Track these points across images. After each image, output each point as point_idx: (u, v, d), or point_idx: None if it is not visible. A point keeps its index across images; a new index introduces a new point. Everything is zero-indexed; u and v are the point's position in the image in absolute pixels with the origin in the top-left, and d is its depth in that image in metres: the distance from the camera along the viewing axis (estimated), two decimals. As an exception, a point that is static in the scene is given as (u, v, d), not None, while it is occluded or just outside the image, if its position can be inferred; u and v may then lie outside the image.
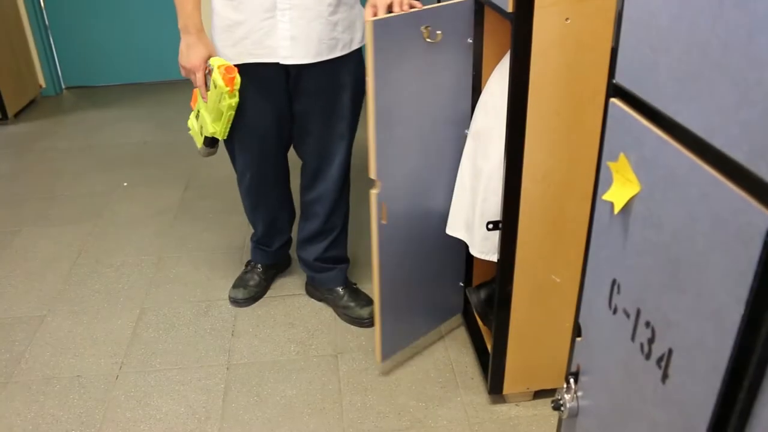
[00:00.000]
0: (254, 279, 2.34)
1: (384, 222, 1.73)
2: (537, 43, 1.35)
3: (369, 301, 2.22)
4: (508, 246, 1.56)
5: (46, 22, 4.42)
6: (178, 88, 4.45)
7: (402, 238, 1.81)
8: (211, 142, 1.99)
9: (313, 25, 1.80)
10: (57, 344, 2.13)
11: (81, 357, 2.08)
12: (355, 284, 2.32)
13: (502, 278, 1.61)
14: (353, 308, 2.20)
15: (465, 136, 1.78)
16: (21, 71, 4.26)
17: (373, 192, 1.68)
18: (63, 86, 4.65)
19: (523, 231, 1.54)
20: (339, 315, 2.23)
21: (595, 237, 1.02)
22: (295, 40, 1.80)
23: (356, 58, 1.94)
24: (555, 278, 1.62)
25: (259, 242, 2.34)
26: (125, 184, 3.25)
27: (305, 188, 2.16)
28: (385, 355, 1.92)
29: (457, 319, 2.15)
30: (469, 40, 1.68)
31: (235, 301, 2.29)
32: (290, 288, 2.38)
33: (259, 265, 2.36)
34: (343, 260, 2.27)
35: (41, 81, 4.49)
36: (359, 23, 1.91)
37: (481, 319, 1.90)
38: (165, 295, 2.37)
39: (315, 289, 2.33)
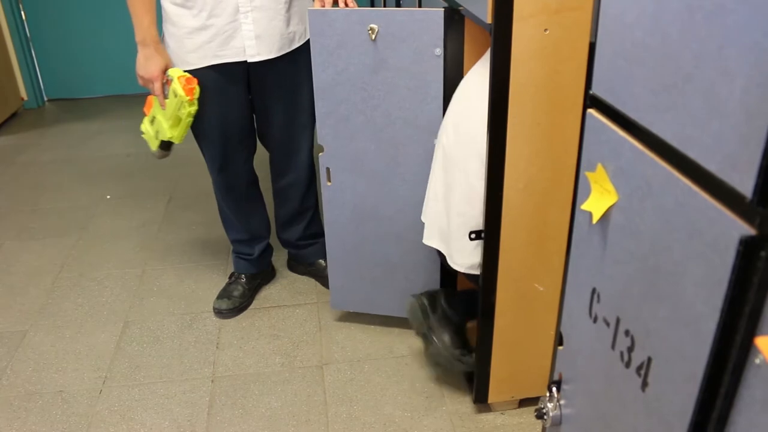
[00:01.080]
0: (238, 290, 2.34)
1: (329, 183, 1.97)
2: (516, 54, 1.36)
3: None
4: (490, 255, 1.57)
5: (28, 34, 4.40)
6: (162, 99, 4.44)
7: (350, 206, 1.99)
8: (166, 146, 2.08)
9: (274, 23, 1.94)
10: (39, 359, 2.11)
11: (64, 372, 2.06)
12: None
13: (486, 287, 1.61)
14: None
15: (434, 145, 1.81)
16: (2, 83, 4.23)
17: (321, 154, 1.93)
18: (45, 98, 4.62)
19: (506, 240, 1.55)
20: (324, 285, 2.40)
21: (574, 246, 1.03)
22: (260, 39, 1.93)
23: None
24: (538, 286, 1.63)
25: (239, 252, 2.36)
26: (108, 196, 3.23)
27: (276, 176, 2.28)
28: (335, 303, 2.18)
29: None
30: (437, 52, 1.70)
31: (219, 312, 2.28)
32: (275, 300, 2.37)
33: (243, 276, 2.36)
34: (321, 234, 2.39)
35: (23, 93, 4.47)
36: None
37: (415, 329, 1.89)
38: (149, 308, 2.35)
39: (298, 264, 2.50)
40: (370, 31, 1.71)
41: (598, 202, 0.92)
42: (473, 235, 1.59)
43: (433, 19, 1.67)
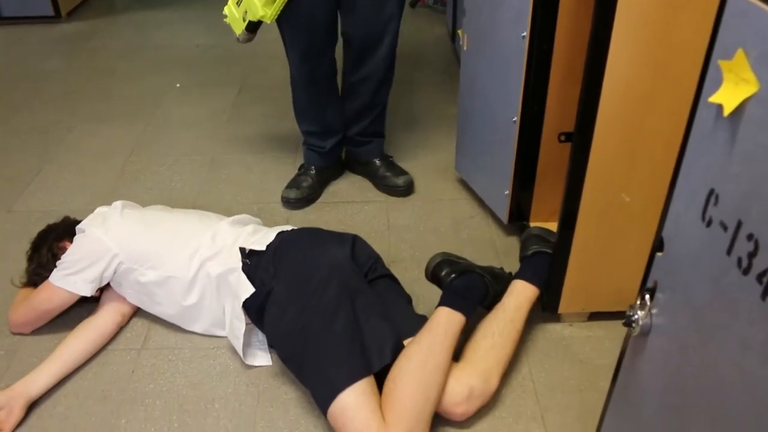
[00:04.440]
0: (307, 181, 2.32)
1: (465, 48, 2.04)
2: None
3: (404, 172, 2.37)
4: (579, 160, 1.48)
5: None
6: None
7: (478, 69, 2.02)
8: (252, 27, 2.00)
9: None
10: (111, 237, 2.15)
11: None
12: (391, 157, 2.43)
13: (569, 193, 1.54)
14: (389, 177, 2.35)
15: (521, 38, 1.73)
16: (74, -32, 4.20)
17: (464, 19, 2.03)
18: (115, -15, 4.58)
19: (597, 144, 1.46)
20: (377, 186, 2.38)
21: (692, 144, 0.95)
22: None
23: None
24: (625, 197, 1.55)
25: (311, 144, 2.33)
26: (178, 85, 3.22)
27: (353, 69, 2.20)
28: (458, 166, 2.34)
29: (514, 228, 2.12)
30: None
31: (287, 201, 2.28)
32: (343, 195, 2.35)
33: (313, 168, 2.34)
34: (381, 134, 2.38)
35: (94, -21, 4.43)
36: None
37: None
38: (217, 195, 2.36)
39: (354, 162, 2.46)
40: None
41: (731, 93, 0.83)
42: (563, 137, 1.51)
43: None
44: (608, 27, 1.33)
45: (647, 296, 1.08)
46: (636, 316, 1.09)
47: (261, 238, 1.70)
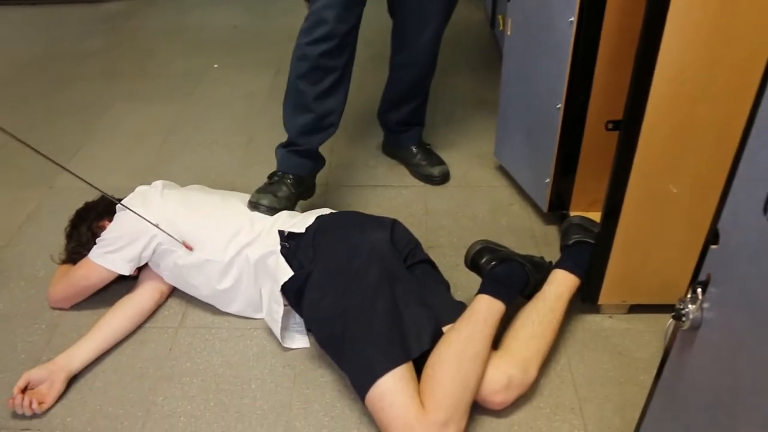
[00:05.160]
0: (282, 190, 1.92)
1: (508, 33, 2.00)
2: None
3: (440, 161, 2.33)
4: (627, 149, 1.45)
5: None
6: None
7: (521, 55, 2.00)
8: None
9: None
10: (149, 216, 2.16)
11: (172, 230, 2.10)
12: (429, 145, 2.38)
13: (615, 183, 1.51)
14: (424, 166, 2.32)
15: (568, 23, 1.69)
16: (115, -54, 4.22)
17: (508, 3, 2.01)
18: (154, -35, 4.59)
19: (646, 133, 1.42)
20: (412, 173, 2.35)
21: (756, 134, 0.91)
22: None
23: None
24: (672, 188, 1.51)
25: (294, 141, 2.02)
26: (215, 65, 3.22)
27: (394, 49, 2.16)
28: (497, 153, 2.31)
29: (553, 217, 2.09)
30: None
31: (256, 207, 1.82)
32: (380, 179, 2.34)
33: (290, 176, 1.99)
34: (420, 122, 2.33)
35: (134, -42, 4.45)
36: None
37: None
38: (254, 176, 2.34)
39: (390, 147, 2.43)
40: None
41: (801, 80, 0.80)
42: (611, 125, 1.47)
43: None
44: (662, 12, 1.29)
45: (699, 289, 1.05)
46: (686, 310, 1.06)
47: (300, 221, 1.70)
